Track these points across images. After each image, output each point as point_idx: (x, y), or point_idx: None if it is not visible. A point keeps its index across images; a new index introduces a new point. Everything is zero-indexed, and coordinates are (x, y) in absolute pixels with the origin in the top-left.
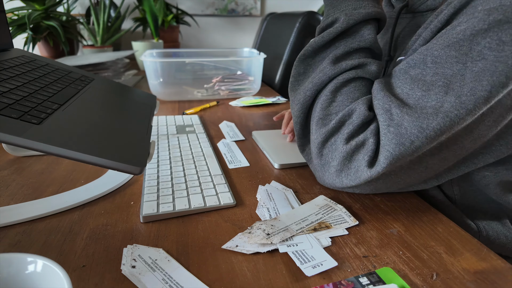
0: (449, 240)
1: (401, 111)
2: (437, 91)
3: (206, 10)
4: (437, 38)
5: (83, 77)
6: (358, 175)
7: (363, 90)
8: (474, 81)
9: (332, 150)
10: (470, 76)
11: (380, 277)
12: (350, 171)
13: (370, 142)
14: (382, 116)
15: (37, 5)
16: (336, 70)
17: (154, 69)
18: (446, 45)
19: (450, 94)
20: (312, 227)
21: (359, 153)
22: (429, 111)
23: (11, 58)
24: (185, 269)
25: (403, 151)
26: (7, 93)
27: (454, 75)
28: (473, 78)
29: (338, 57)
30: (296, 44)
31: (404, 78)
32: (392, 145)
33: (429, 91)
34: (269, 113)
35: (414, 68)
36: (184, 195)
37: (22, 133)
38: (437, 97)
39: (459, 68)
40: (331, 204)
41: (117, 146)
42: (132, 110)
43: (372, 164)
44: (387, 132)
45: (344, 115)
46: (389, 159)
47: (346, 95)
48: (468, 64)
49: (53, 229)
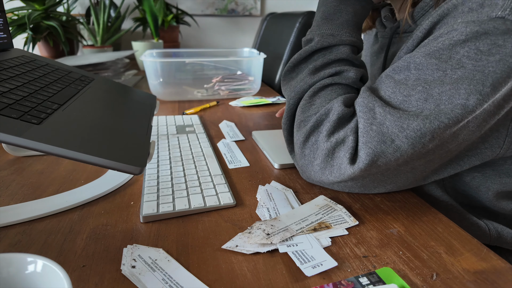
0: (449, 240)
1: (384, 111)
2: (418, 97)
3: (206, 10)
4: (420, 47)
5: (83, 77)
6: (341, 172)
7: (340, 93)
8: (453, 88)
9: (314, 149)
10: (449, 83)
11: (380, 277)
12: (333, 168)
13: (350, 140)
14: (365, 114)
15: (37, 5)
16: (315, 79)
17: (154, 69)
18: (428, 53)
19: (430, 101)
20: (312, 227)
21: (340, 150)
22: (410, 113)
23: (11, 58)
24: (185, 269)
25: (384, 149)
26: (7, 93)
27: (434, 81)
28: (452, 86)
29: (317, 67)
30: (296, 44)
31: (388, 82)
32: (374, 143)
33: (410, 96)
34: (269, 113)
35: (398, 73)
36: (184, 195)
37: (22, 133)
38: (417, 103)
39: (439, 75)
40: (331, 204)
41: (117, 146)
42: (132, 110)
43: (354, 161)
44: (370, 130)
45: (321, 114)
46: (370, 156)
47: (323, 98)
48: (448, 71)
49: (53, 229)
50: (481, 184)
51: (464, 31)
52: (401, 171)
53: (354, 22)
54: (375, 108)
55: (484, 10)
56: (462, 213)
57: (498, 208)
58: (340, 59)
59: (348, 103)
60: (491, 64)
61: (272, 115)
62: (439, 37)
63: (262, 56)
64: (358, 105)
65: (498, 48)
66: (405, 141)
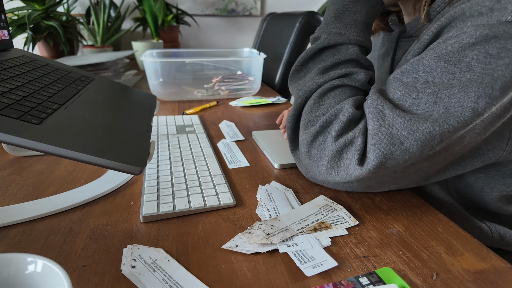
0: (449, 240)
1: (393, 113)
2: (427, 99)
3: (206, 10)
4: (428, 50)
5: (83, 77)
6: (349, 173)
7: (349, 94)
8: (462, 91)
9: (321, 149)
10: (458, 86)
11: (380, 277)
12: (340, 169)
13: (358, 141)
14: (375, 115)
15: (37, 5)
16: (324, 78)
17: (154, 69)
18: (437, 56)
19: (439, 104)
20: (312, 227)
21: (348, 151)
22: (419, 116)
23: (11, 58)
24: (185, 269)
25: (393, 151)
26: (7, 93)
27: (443, 84)
28: (461, 89)
29: (327, 67)
30: (296, 44)
31: (397, 85)
32: (383, 145)
33: (419, 99)
34: (269, 113)
35: (406, 76)
36: (184, 195)
37: (22, 133)
38: (427, 106)
39: (448, 78)
40: (331, 204)
41: (117, 146)
42: (132, 110)
43: (362, 162)
44: (379, 132)
45: (331, 115)
46: (379, 158)
47: (333, 98)
48: (457, 74)
49: (53, 229)
50: (485, 185)
51: (473, 34)
52: (407, 173)
53: (363, 22)
54: (385, 110)
55: (494, 14)
56: (465, 215)
57: (501, 210)
58: (350, 59)
59: (358, 105)
60: (500, 67)
61: (272, 115)
62: (448, 40)
63: (262, 56)
64: (367, 107)
65: (507, 52)
66: (414, 144)
